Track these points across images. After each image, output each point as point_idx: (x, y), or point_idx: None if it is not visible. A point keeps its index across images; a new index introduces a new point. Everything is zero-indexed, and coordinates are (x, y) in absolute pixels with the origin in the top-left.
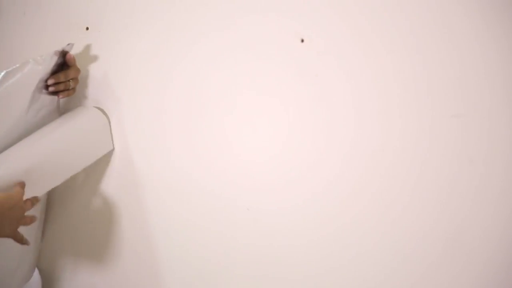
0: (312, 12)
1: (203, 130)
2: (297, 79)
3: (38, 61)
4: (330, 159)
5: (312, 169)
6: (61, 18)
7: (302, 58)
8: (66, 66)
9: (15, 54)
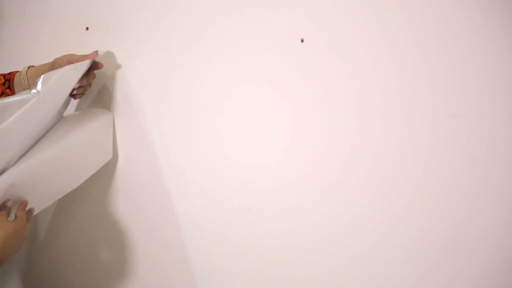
0: (312, 12)
1: (203, 130)
2: (297, 79)
3: (77, 67)
4: (330, 160)
5: (313, 169)
6: (61, 18)
7: (302, 58)
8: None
9: (15, 54)
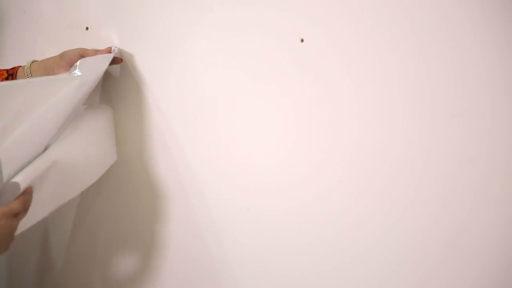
0: (312, 12)
1: (203, 130)
2: (297, 80)
3: (105, 57)
4: (330, 160)
5: (313, 169)
6: (61, 18)
7: (302, 58)
8: None
9: (15, 54)
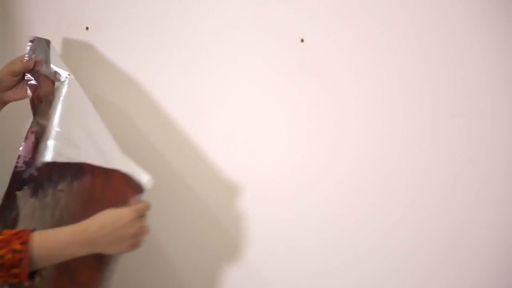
0: (312, 11)
1: (203, 131)
2: (297, 79)
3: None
4: (331, 161)
5: (314, 171)
6: (61, 18)
7: (302, 58)
8: None
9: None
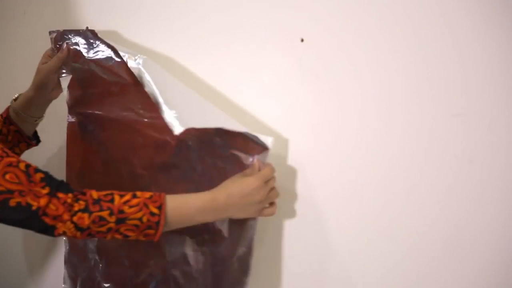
0: (312, 11)
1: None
2: (297, 79)
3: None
4: (330, 158)
5: (311, 167)
6: (60, 18)
7: (302, 58)
8: None
9: (15, 54)
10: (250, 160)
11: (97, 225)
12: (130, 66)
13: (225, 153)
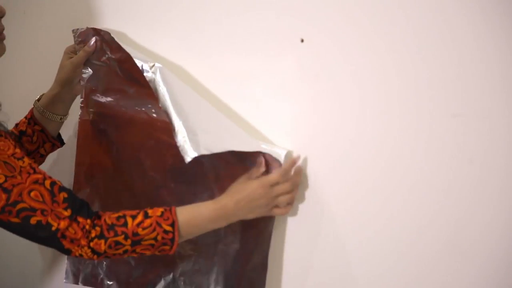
0: (312, 12)
1: None
2: (297, 79)
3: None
4: (329, 158)
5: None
6: (61, 18)
7: (302, 58)
8: None
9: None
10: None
11: (113, 249)
12: (145, 75)
13: (238, 165)
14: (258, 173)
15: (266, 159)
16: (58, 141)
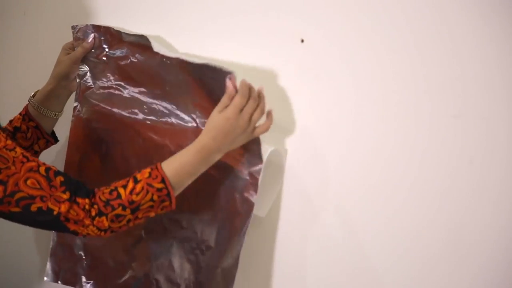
0: (312, 12)
1: None
2: (297, 79)
3: None
4: (328, 158)
5: (309, 166)
6: (61, 18)
7: (302, 58)
8: None
9: (15, 54)
10: (245, 173)
11: (116, 222)
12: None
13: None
14: (229, 100)
15: (233, 83)
16: (52, 138)
